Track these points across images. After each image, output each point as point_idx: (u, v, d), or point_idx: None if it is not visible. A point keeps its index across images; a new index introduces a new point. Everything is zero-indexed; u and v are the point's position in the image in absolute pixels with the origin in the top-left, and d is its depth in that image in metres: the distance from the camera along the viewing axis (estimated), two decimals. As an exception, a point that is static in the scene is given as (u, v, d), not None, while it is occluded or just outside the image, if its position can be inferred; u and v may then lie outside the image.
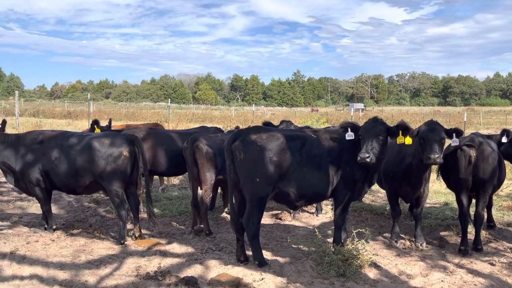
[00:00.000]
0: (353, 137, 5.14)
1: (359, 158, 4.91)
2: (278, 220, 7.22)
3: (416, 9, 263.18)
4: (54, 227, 6.26)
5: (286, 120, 7.94)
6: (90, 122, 7.86)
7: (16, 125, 22.29)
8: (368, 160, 4.90)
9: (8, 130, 20.67)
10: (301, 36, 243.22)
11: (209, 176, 6.19)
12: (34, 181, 5.94)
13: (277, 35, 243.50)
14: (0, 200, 8.03)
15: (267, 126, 7.10)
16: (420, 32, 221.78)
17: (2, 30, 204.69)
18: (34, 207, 7.53)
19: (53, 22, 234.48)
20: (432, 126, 5.39)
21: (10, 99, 60.11)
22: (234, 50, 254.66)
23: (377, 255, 5.62)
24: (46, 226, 6.23)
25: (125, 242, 5.79)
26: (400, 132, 5.21)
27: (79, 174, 5.82)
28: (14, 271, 4.76)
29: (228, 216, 7.01)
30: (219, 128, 7.80)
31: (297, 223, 7.14)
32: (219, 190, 7.89)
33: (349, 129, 5.19)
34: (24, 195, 8.30)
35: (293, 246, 5.86)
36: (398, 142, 5.29)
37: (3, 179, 9.69)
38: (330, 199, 6.58)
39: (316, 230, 5.57)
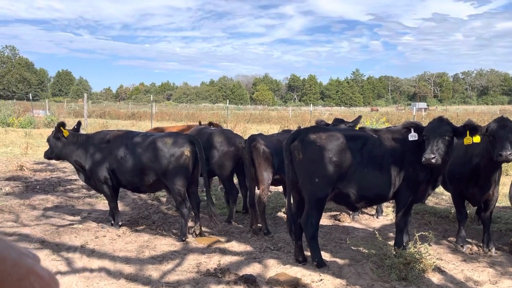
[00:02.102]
0: (417, 138, 4.96)
1: (424, 159, 4.73)
2: (337, 221, 7.13)
3: (484, 3, 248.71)
4: (120, 223, 6.55)
5: (338, 118, 7.81)
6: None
7: (85, 126, 23.59)
8: (433, 161, 4.71)
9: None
10: (360, 35, 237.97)
11: (266, 176, 6.23)
12: (102, 179, 6.26)
13: (335, 34, 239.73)
14: (71, 196, 8.53)
15: (320, 124, 7.07)
16: (489, 27, 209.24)
17: (73, 36, 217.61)
18: (102, 204, 7.93)
19: (118, 27, 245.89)
20: (502, 123, 5.08)
21: (79, 101, 63.73)
22: (292, 50, 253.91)
23: (442, 259, 5.40)
24: (112, 222, 6.54)
25: (186, 239, 5.95)
26: (468, 132, 4.96)
27: (143, 173, 6.06)
28: (84, 264, 5.05)
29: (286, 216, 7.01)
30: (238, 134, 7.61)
31: (356, 225, 7.01)
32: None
33: (412, 130, 5.01)
34: (92, 192, 8.77)
35: (353, 248, 5.76)
36: (465, 143, 5.04)
37: (74, 177, 10.29)
38: (391, 201, 6.41)
39: (377, 232, 5.43)
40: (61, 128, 6.56)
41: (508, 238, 6.25)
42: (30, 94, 45.04)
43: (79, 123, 6.96)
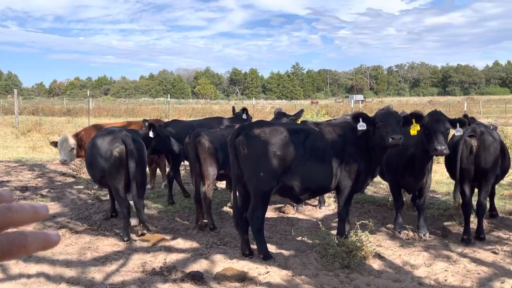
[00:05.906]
0: (365, 128, 5.12)
1: (391, 139, 4.86)
2: (282, 214, 7.25)
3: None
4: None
5: (281, 111, 7.93)
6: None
7: (16, 124, 22.24)
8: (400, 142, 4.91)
9: (8, 128, 20.47)
10: (299, 29, 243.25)
11: (212, 171, 6.21)
12: None
13: (275, 28, 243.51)
14: (3, 199, 8.04)
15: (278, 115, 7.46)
16: (418, 22, 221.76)
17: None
18: (38, 205, 7.54)
19: (50, 20, 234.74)
20: (436, 117, 5.39)
21: (9, 98, 60.08)
22: (233, 43, 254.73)
23: (381, 246, 5.65)
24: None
25: (130, 239, 5.80)
26: (414, 120, 5.25)
27: (93, 169, 6.03)
28: (21, 270, 4.79)
29: (232, 211, 7.03)
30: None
31: (300, 216, 7.17)
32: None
33: (361, 119, 5.18)
34: (27, 193, 8.36)
35: (297, 239, 5.88)
36: (412, 133, 5.29)
37: (6, 178, 9.72)
38: (332, 192, 6.61)
39: (320, 223, 5.59)
40: None
41: (440, 223, 6.66)
42: (-47, 91, 41.75)
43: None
